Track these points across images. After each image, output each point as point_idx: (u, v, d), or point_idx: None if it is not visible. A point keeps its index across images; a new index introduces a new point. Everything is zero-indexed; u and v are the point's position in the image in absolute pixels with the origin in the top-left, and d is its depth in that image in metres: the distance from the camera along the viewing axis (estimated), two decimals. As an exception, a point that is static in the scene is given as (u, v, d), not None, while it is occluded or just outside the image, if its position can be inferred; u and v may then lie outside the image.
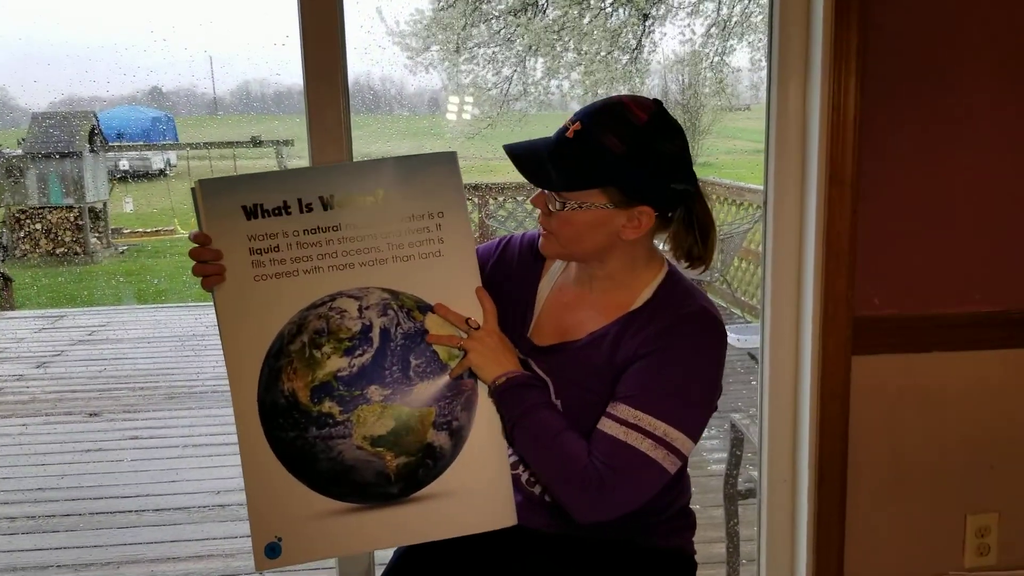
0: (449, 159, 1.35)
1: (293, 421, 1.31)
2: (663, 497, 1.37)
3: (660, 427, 1.26)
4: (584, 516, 1.28)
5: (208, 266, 1.30)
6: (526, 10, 8.55)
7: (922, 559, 2.06)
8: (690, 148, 1.33)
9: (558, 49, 8.57)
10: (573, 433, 1.31)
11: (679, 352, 1.29)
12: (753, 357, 3.11)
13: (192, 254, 1.30)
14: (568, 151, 1.28)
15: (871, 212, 1.88)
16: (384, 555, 1.57)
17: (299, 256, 1.32)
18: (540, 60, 8.66)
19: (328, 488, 1.33)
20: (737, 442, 2.64)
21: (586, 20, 8.51)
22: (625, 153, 1.25)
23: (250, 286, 1.31)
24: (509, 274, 1.47)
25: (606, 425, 1.28)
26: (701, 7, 8.54)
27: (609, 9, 8.56)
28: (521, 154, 1.31)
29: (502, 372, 1.32)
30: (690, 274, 1.39)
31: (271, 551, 1.33)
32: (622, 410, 1.27)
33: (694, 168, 1.33)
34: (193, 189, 1.30)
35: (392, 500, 1.34)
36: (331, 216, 1.32)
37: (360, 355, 1.31)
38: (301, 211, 1.31)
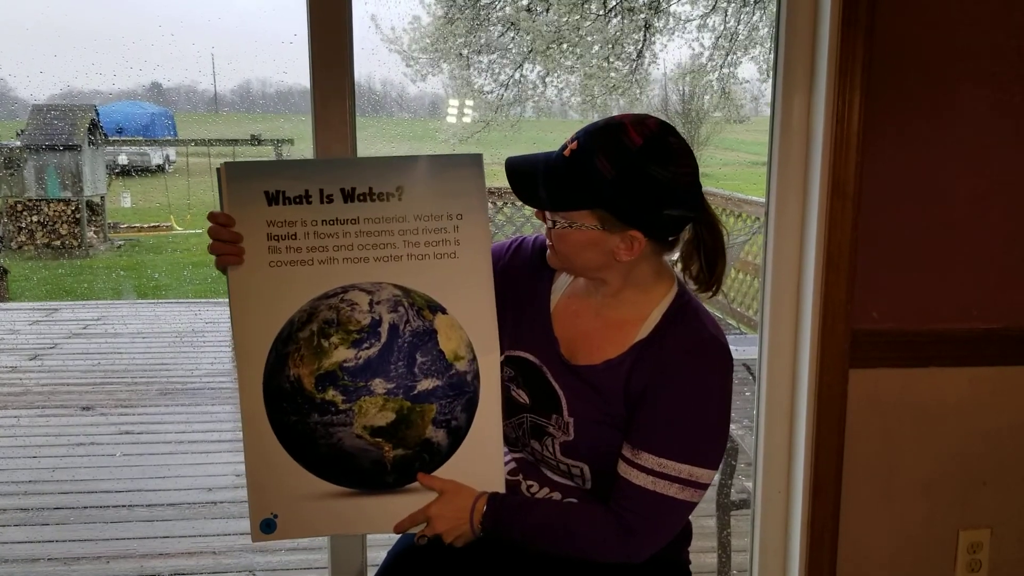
0: (474, 162, 1.36)
1: (296, 406, 1.34)
2: None
3: (685, 469, 1.28)
4: (631, 560, 1.33)
5: (226, 245, 1.32)
6: (528, 16, 8.56)
7: (914, 573, 2.06)
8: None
9: (557, 57, 8.58)
10: (572, 509, 1.36)
11: (693, 389, 1.30)
12: (748, 368, 3.11)
13: (211, 233, 1.32)
14: (561, 170, 1.28)
15: (872, 226, 1.89)
16: (376, 556, 1.58)
17: (315, 246, 1.33)
18: (538, 67, 8.67)
19: (325, 472, 1.36)
20: (731, 452, 2.65)
21: (587, 24, 8.52)
22: (614, 177, 1.24)
23: (264, 271, 1.33)
24: (520, 277, 1.47)
25: (632, 475, 1.30)
26: (708, 21, 8.57)
27: (610, 17, 8.57)
28: (517, 170, 1.32)
29: (468, 526, 1.36)
30: (697, 293, 1.40)
31: (266, 526, 1.37)
32: (646, 459, 1.29)
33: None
34: (218, 170, 1.32)
35: (386, 489, 1.37)
36: (350, 209, 1.33)
37: (367, 348, 1.33)
38: (322, 201, 1.33)
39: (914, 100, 1.86)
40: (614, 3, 8.43)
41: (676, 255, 1.37)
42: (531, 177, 1.31)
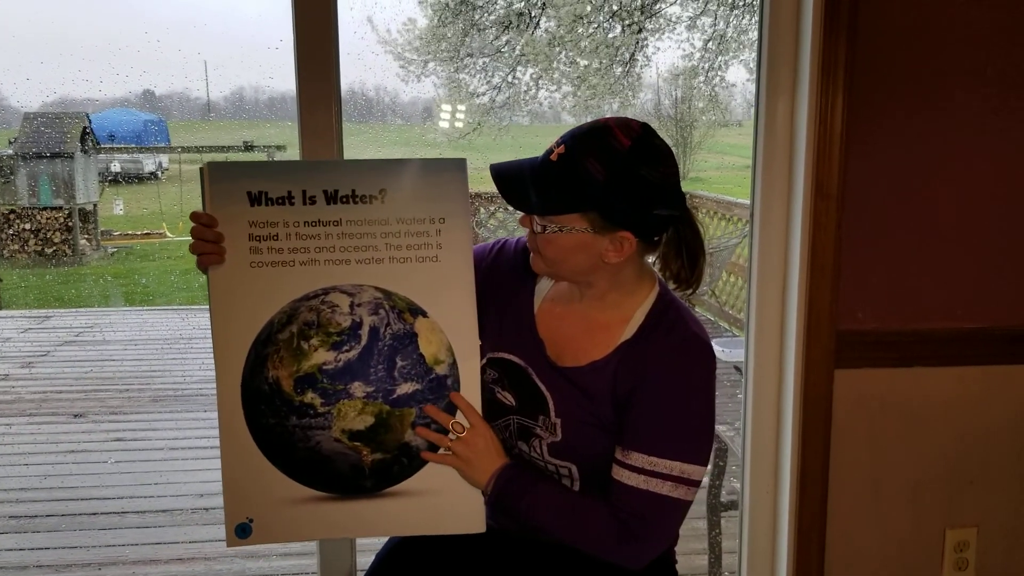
0: (458, 166, 1.36)
1: (274, 408, 1.33)
2: None
3: (676, 467, 1.29)
4: (631, 565, 1.32)
5: (208, 245, 1.32)
6: (520, 20, 8.58)
7: (901, 572, 2.07)
8: (681, 164, 1.32)
9: (551, 61, 8.60)
10: (585, 499, 1.35)
11: (679, 388, 1.31)
12: (739, 371, 3.13)
13: (194, 233, 1.32)
14: (550, 175, 1.28)
15: (856, 226, 1.90)
16: (365, 561, 1.58)
17: (297, 247, 1.33)
18: (532, 71, 8.68)
19: (303, 476, 1.35)
20: (720, 453, 2.66)
21: (580, 31, 8.54)
22: (605, 179, 1.25)
23: (245, 271, 1.33)
24: (503, 278, 1.47)
25: (624, 476, 1.30)
26: (697, 22, 8.59)
27: (603, 22, 8.59)
28: (504, 175, 1.32)
29: (489, 475, 1.35)
30: (678, 292, 1.40)
31: (241, 531, 1.36)
32: (637, 459, 1.30)
33: (684, 184, 1.33)
34: (201, 170, 1.32)
35: (365, 493, 1.36)
36: (333, 211, 1.33)
37: (347, 351, 1.33)
38: (304, 203, 1.33)
39: (896, 101, 1.88)
40: (607, 8, 8.46)
41: (655, 256, 1.38)
42: (519, 182, 1.31)
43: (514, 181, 1.32)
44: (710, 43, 8.63)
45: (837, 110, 1.83)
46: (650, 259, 1.39)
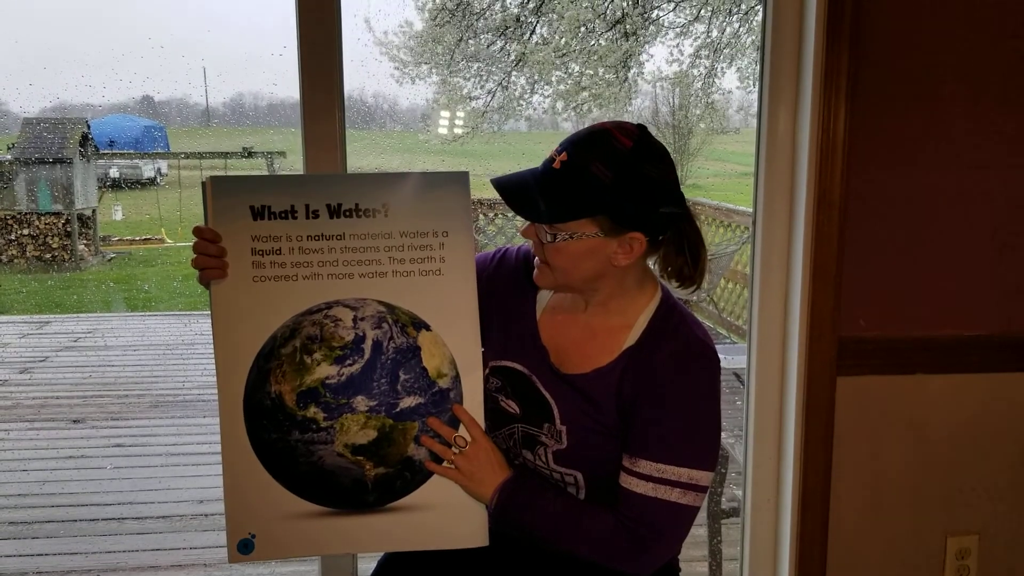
0: (460, 179, 1.36)
1: (277, 423, 1.33)
2: None
3: (684, 473, 1.29)
4: (638, 572, 1.33)
5: (210, 259, 1.31)
6: (518, 26, 8.59)
7: (903, 580, 2.07)
8: (679, 171, 1.34)
9: (546, 66, 8.60)
10: (589, 508, 1.35)
11: (685, 393, 1.31)
12: (739, 377, 3.13)
13: (197, 248, 1.32)
14: (556, 182, 1.28)
15: (858, 234, 1.91)
16: (367, 567, 1.58)
17: (300, 261, 1.33)
18: (527, 75, 8.68)
19: (305, 491, 1.35)
20: (721, 460, 2.66)
21: (577, 38, 8.55)
22: (613, 181, 1.25)
23: (248, 286, 1.32)
24: (506, 286, 1.47)
25: (632, 484, 1.30)
26: (690, 28, 8.60)
27: (601, 30, 8.61)
28: (508, 187, 1.32)
29: (493, 488, 1.35)
30: (679, 294, 1.41)
31: (244, 547, 1.35)
32: (644, 466, 1.30)
33: (682, 190, 1.35)
34: (203, 184, 1.32)
35: (367, 508, 1.36)
36: (336, 225, 1.33)
37: (350, 365, 1.33)
38: (307, 216, 1.33)
39: (899, 110, 1.88)
40: (601, 9, 8.48)
41: (655, 257, 1.38)
42: (525, 192, 1.31)
43: (520, 192, 1.31)
44: (703, 50, 8.63)
45: (839, 118, 1.84)
46: (650, 262, 1.39)
